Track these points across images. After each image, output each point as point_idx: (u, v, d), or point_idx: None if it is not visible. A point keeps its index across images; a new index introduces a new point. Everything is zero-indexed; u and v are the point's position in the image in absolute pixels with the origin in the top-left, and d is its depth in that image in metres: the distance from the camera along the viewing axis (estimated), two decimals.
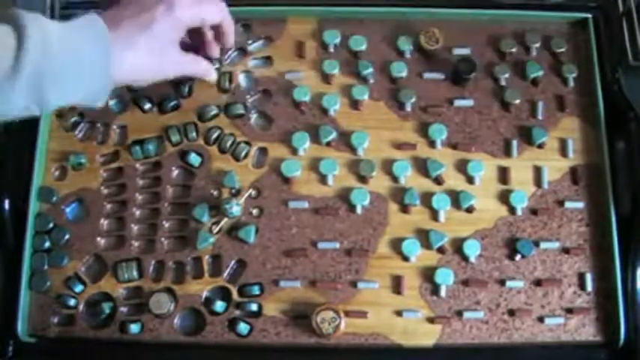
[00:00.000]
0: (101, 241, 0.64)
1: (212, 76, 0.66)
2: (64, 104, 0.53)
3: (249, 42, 0.69)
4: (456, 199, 0.64)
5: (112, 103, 0.67)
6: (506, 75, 0.68)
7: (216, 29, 0.63)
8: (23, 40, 0.48)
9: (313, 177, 0.65)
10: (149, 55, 0.56)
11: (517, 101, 0.67)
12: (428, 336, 0.61)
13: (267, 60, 0.69)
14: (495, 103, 0.67)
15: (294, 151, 0.66)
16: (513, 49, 0.69)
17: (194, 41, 0.64)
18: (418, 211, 0.64)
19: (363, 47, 0.69)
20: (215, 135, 0.66)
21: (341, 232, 0.63)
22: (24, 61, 0.47)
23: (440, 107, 0.67)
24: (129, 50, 0.54)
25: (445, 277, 0.61)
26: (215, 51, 0.65)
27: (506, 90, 0.67)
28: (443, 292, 0.61)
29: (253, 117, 0.67)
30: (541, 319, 0.61)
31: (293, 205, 0.64)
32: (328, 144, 0.66)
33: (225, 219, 0.63)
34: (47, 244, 0.63)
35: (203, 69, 0.64)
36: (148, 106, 0.67)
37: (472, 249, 0.62)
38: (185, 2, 0.57)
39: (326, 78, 0.68)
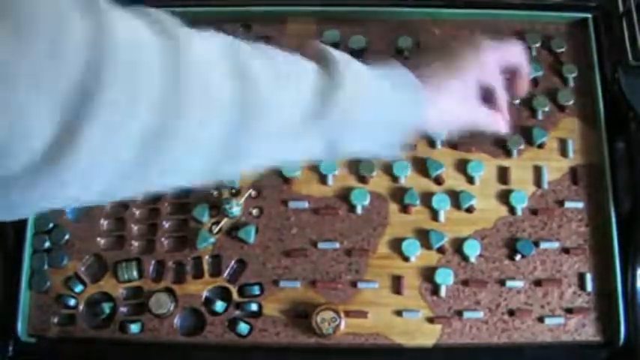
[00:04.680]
0: (101, 241, 0.64)
1: (505, 130, 0.59)
2: (356, 153, 0.49)
3: (249, 42, 0.69)
4: (456, 199, 0.64)
5: None
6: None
7: (512, 75, 0.59)
8: (336, 86, 0.43)
9: (313, 177, 0.65)
10: (459, 104, 0.53)
11: (517, 101, 0.67)
12: (428, 336, 0.61)
13: None
14: None
15: None
16: None
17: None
18: (418, 211, 0.64)
19: (363, 47, 0.69)
20: None
21: (341, 232, 0.63)
22: (332, 109, 0.42)
23: None
24: (442, 96, 0.51)
25: (445, 277, 0.61)
26: (521, 89, 0.60)
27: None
28: (443, 292, 0.61)
29: None
30: (541, 319, 0.61)
31: (293, 205, 0.64)
32: None
33: (225, 219, 0.63)
34: (47, 244, 0.63)
35: (500, 125, 0.58)
36: None
37: (472, 249, 0.62)
38: (488, 47, 0.55)
39: None
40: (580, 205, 0.64)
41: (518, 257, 0.62)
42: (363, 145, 0.48)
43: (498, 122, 0.57)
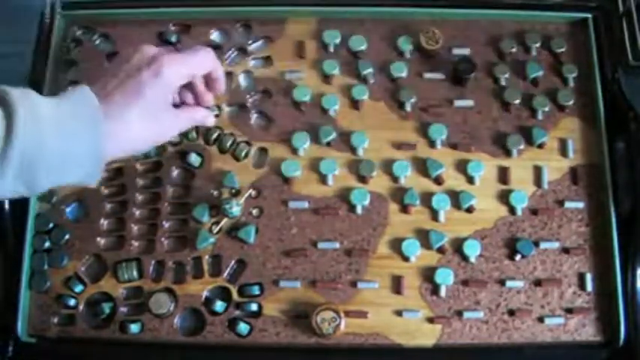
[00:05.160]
0: (101, 241, 0.64)
1: (210, 121, 0.60)
2: (56, 186, 0.50)
3: (249, 42, 0.70)
4: (456, 199, 0.64)
5: None
6: (506, 75, 0.68)
7: (207, 77, 0.58)
8: (13, 123, 0.44)
9: (313, 177, 0.65)
10: (143, 126, 0.52)
11: (517, 101, 0.67)
12: (428, 336, 0.61)
13: (267, 60, 0.69)
14: (495, 103, 0.67)
15: (294, 151, 0.66)
16: (513, 49, 0.69)
17: (184, 96, 0.58)
18: (418, 211, 0.64)
19: (363, 47, 0.69)
20: (215, 135, 0.66)
21: (341, 232, 0.63)
22: (14, 145, 0.44)
23: (440, 107, 0.67)
24: (121, 125, 0.50)
25: (445, 277, 0.61)
26: (209, 101, 0.59)
27: (506, 90, 0.67)
28: (443, 292, 0.61)
29: (253, 117, 0.67)
30: (541, 319, 0.61)
31: (293, 205, 0.64)
32: (328, 144, 0.66)
33: (225, 219, 0.63)
34: (47, 244, 0.63)
35: (200, 119, 0.59)
36: None
37: (472, 249, 0.62)
38: (172, 60, 0.52)
39: (326, 78, 0.68)
40: (580, 205, 0.64)
41: (518, 257, 0.62)
42: (59, 178, 0.48)
43: (199, 118, 0.58)
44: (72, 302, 0.62)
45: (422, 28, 0.68)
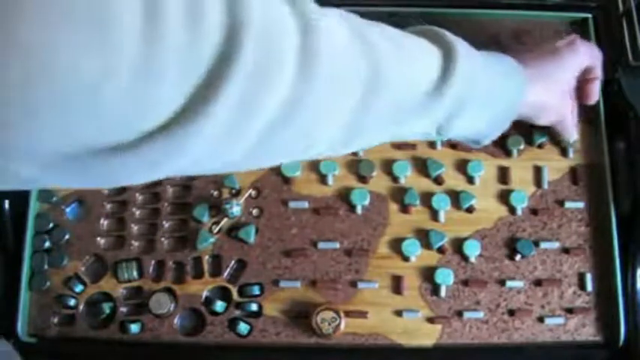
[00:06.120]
0: (101, 241, 0.64)
1: (574, 137, 0.63)
2: (459, 135, 0.49)
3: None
4: (456, 199, 0.64)
5: None
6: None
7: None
8: (453, 65, 0.43)
9: (313, 177, 0.65)
10: (555, 95, 0.54)
11: None
12: (428, 336, 0.61)
13: None
14: None
15: None
16: None
17: None
18: (418, 211, 0.64)
19: None
20: None
21: (341, 232, 0.63)
22: (448, 89, 0.42)
23: None
24: (541, 83, 0.52)
25: (445, 277, 0.61)
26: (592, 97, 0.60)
27: None
28: (443, 292, 0.61)
29: None
30: (541, 319, 0.61)
31: (293, 205, 0.64)
32: None
33: (225, 219, 0.63)
34: (47, 244, 0.63)
35: (574, 132, 0.61)
36: None
37: (472, 249, 0.62)
38: (582, 45, 0.56)
39: None
40: (580, 205, 0.64)
41: (518, 257, 0.62)
42: (467, 128, 0.48)
43: (574, 128, 0.61)
44: (72, 302, 0.62)
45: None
